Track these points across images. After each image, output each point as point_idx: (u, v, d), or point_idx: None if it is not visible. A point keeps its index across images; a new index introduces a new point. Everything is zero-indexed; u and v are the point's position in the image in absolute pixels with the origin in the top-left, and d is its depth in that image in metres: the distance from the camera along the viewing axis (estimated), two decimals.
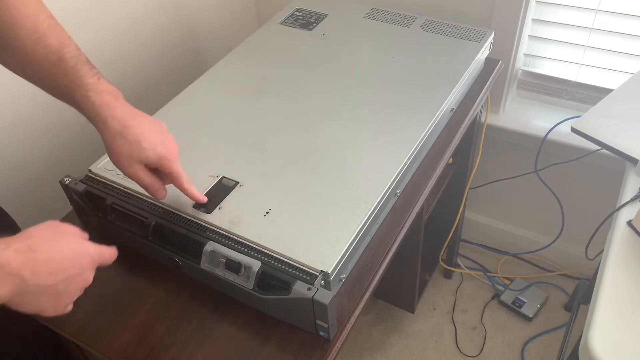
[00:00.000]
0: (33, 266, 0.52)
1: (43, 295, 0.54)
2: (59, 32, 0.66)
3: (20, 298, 0.52)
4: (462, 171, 1.31)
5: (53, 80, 0.66)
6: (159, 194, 0.72)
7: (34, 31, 0.64)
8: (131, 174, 0.68)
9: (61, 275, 0.55)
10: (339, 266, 0.71)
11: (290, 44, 1.11)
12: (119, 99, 0.67)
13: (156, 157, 0.68)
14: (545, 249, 1.54)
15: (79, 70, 0.66)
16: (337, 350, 0.70)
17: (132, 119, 0.67)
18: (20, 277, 0.51)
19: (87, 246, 0.59)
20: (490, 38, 1.10)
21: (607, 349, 0.67)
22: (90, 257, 0.59)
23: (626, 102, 1.03)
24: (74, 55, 0.66)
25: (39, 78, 0.67)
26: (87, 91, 0.65)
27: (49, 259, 0.54)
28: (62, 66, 0.65)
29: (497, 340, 1.48)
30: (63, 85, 0.66)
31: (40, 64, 0.65)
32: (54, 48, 0.65)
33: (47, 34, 0.65)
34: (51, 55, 0.65)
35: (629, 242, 0.80)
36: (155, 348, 0.71)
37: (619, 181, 0.92)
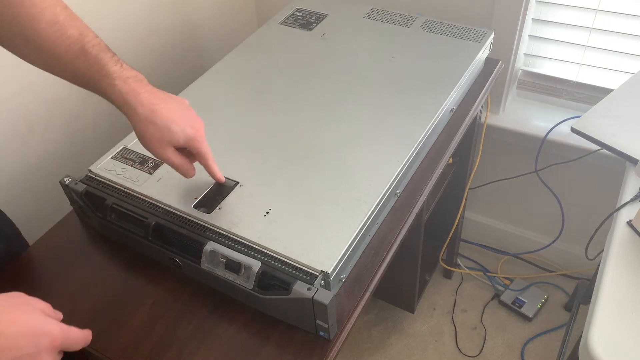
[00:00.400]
0: None
1: None
2: (77, 22, 0.66)
3: None
4: (462, 171, 1.31)
5: (77, 71, 0.66)
6: (189, 173, 0.73)
7: (53, 23, 0.64)
8: (162, 156, 0.69)
9: (9, 353, 0.48)
10: (339, 266, 0.71)
11: (290, 44, 1.11)
12: (144, 83, 0.68)
13: (186, 138, 0.69)
14: (545, 249, 1.54)
15: (102, 59, 0.66)
16: (337, 350, 0.70)
17: (160, 102, 0.68)
18: None
19: (50, 325, 0.53)
20: (490, 38, 1.10)
21: (607, 349, 0.67)
22: (51, 337, 0.52)
23: (626, 102, 1.03)
24: (95, 44, 0.66)
25: (63, 70, 0.67)
26: (113, 79, 0.66)
27: None
28: (85, 56, 0.65)
29: (497, 340, 1.48)
30: (88, 76, 0.66)
31: (63, 56, 0.65)
32: (75, 39, 0.65)
33: (66, 25, 0.65)
34: (73, 47, 0.65)
35: (629, 242, 0.80)
36: (155, 348, 0.71)
37: (619, 181, 0.92)
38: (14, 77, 1.00)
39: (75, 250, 0.84)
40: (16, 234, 0.87)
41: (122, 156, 0.87)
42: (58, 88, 1.07)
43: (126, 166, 0.86)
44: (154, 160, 0.86)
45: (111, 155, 0.88)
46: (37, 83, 1.04)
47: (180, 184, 0.82)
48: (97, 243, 0.85)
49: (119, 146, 0.89)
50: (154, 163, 0.86)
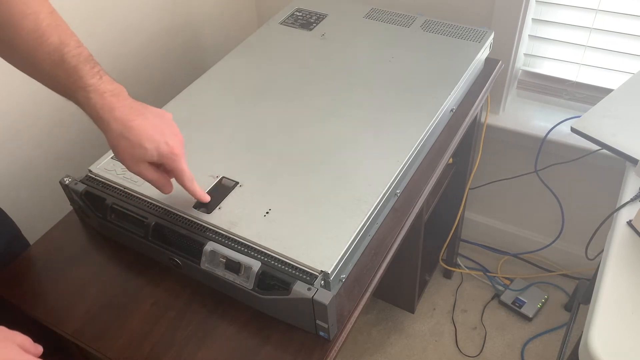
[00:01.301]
0: None
1: None
2: (60, 29, 0.65)
3: None
4: (462, 171, 1.31)
5: (55, 80, 0.66)
6: (164, 189, 0.72)
7: (34, 30, 0.63)
8: (136, 172, 0.69)
9: None
10: (339, 266, 0.71)
11: (291, 44, 1.11)
12: (121, 97, 0.67)
13: (158, 155, 0.68)
14: (545, 249, 1.54)
15: (81, 70, 0.65)
16: (337, 350, 0.70)
17: (136, 117, 0.66)
18: None
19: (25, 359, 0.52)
20: (490, 38, 1.10)
21: (607, 349, 0.67)
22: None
23: (626, 102, 1.03)
24: (75, 55, 0.65)
25: (42, 77, 0.67)
26: (89, 92, 0.65)
27: None
28: (64, 66, 0.64)
29: (497, 340, 1.48)
30: (65, 86, 0.65)
31: (42, 63, 0.65)
32: (55, 47, 0.64)
33: (47, 32, 0.64)
34: (52, 55, 0.64)
35: (629, 242, 0.80)
36: (155, 348, 0.71)
37: (619, 181, 0.92)
38: (13, 75, 1.00)
39: (75, 250, 0.84)
40: (17, 233, 0.87)
41: None
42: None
43: None
44: None
45: (111, 155, 0.88)
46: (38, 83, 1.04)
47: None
48: (97, 243, 0.85)
49: None
50: None
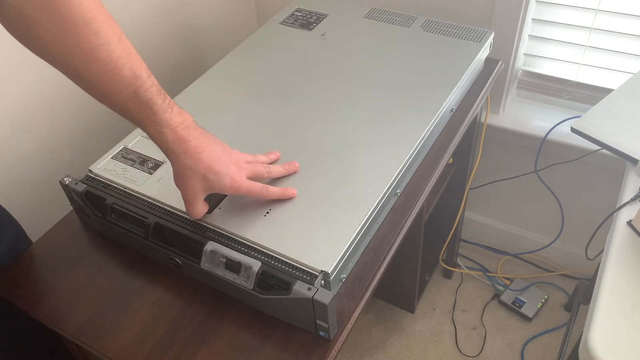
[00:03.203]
0: None
1: None
2: (131, 57, 0.64)
3: None
4: (462, 171, 1.31)
5: (128, 112, 0.65)
6: (195, 217, 0.75)
7: (107, 62, 0.61)
8: (190, 200, 0.71)
9: None
10: (339, 266, 0.71)
11: (291, 43, 1.11)
12: (191, 129, 0.68)
13: (220, 188, 0.71)
14: (545, 249, 1.54)
15: (154, 105, 0.65)
16: (337, 350, 0.70)
17: (202, 150, 0.68)
18: None
19: None
20: (490, 38, 1.10)
21: (607, 349, 0.67)
22: None
23: (626, 102, 1.03)
24: (148, 88, 0.64)
25: (114, 107, 0.66)
26: (162, 127, 0.66)
27: None
28: (137, 100, 0.64)
29: (497, 340, 1.48)
30: (138, 119, 0.66)
31: (115, 96, 0.63)
32: (128, 81, 0.63)
33: (119, 64, 0.62)
34: (126, 89, 0.63)
35: (629, 242, 0.80)
36: (155, 348, 0.71)
37: (619, 181, 0.92)
38: (14, 76, 1.00)
39: (75, 250, 0.84)
40: (21, 232, 0.87)
41: (122, 156, 0.87)
42: (59, 88, 1.07)
43: (126, 166, 0.86)
44: (154, 160, 0.86)
45: (111, 155, 0.88)
46: (38, 83, 1.04)
47: None
48: (97, 243, 0.85)
49: (119, 146, 0.89)
50: (154, 163, 0.86)
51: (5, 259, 0.82)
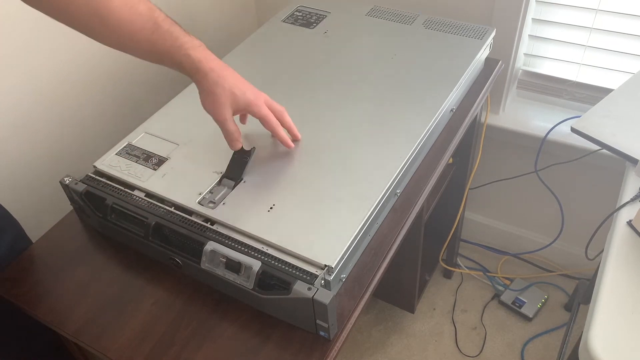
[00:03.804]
0: None
1: None
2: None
3: None
4: (462, 171, 1.31)
5: (153, 47, 0.71)
6: (236, 144, 0.79)
7: (125, 2, 0.67)
8: (221, 119, 0.75)
9: None
10: (342, 262, 0.71)
11: (292, 42, 1.11)
12: (208, 50, 0.74)
13: (246, 102, 0.76)
14: (545, 249, 1.54)
15: (174, 32, 0.71)
16: (337, 350, 0.70)
17: (225, 69, 0.74)
18: None
19: None
20: (491, 36, 1.09)
21: (607, 349, 0.67)
22: None
23: (626, 102, 1.03)
24: (164, 17, 0.71)
25: (138, 47, 0.71)
26: (187, 50, 0.71)
27: None
28: (160, 31, 0.70)
29: (497, 340, 1.48)
30: (164, 49, 0.71)
31: (138, 33, 0.69)
32: (147, 15, 0.69)
33: (135, 1, 0.68)
34: (147, 24, 0.69)
35: (629, 242, 0.80)
36: (155, 348, 0.71)
37: (619, 181, 0.92)
38: (15, 74, 1.00)
39: (75, 250, 0.84)
40: (21, 232, 0.87)
41: (126, 152, 0.88)
42: (59, 88, 1.07)
43: (131, 162, 0.86)
44: (158, 157, 0.86)
45: (116, 152, 0.88)
46: (39, 83, 1.04)
47: (184, 180, 0.82)
48: (97, 243, 0.85)
49: (124, 142, 0.90)
50: (158, 159, 0.86)
51: (5, 259, 0.82)
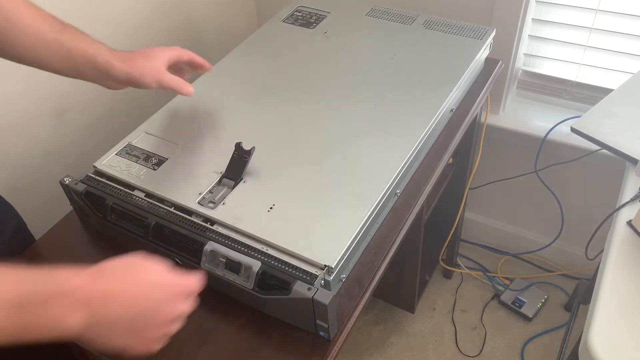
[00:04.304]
0: (102, 297, 0.50)
1: (118, 330, 0.51)
2: None
3: (92, 332, 0.50)
4: (462, 171, 1.31)
5: (61, 46, 0.75)
6: (187, 90, 0.85)
7: (33, 8, 0.73)
8: (161, 80, 0.81)
9: (134, 308, 0.52)
10: (342, 262, 0.71)
11: (292, 41, 1.11)
12: None
13: (175, 52, 0.87)
14: (545, 249, 1.54)
15: (82, 35, 0.77)
16: (337, 350, 0.70)
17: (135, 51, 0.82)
18: (89, 307, 0.49)
19: (166, 277, 0.55)
20: (491, 36, 1.09)
21: (607, 349, 0.67)
22: (171, 287, 0.55)
23: (626, 102, 1.03)
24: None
25: (47, 48, 0.75)
26: (99, 49, 0.77)
27: (120, 290, 0.51)
28: (69, 30, 0.76)
29: (497, 340, 1.48)
30: (76, 50, 0.75)
31: (47, 33, 0.73)
32: (53, 18, 0.75)
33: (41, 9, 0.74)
34: (55, 24, 0.74)
35: (629, 242, 0.80)
36: None
37: (619, 181, 0.92)
38: (15, 76, 1.00)
39: (75, 250, 0.84)
40: (21, 223, 0.87)
41: (126, 152, 0.88)
42: (59, 88, 1.07)
43: (130, 162, 0.86)
44: (158, 157, 0.86)
45: (115, 152, 0.88)
46: (39, 83, 1.04)
47: (184, 180, 0.82)
48: (97, 243, 0.85)
49: (124, 142, 0.90)
50: (158, 159, 0.86)
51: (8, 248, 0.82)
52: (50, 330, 0.48)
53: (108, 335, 0.51)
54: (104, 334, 0.51)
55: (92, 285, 0.50)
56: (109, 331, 0.51)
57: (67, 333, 0.48)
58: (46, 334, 0.48)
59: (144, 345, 0.54)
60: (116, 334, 0.51)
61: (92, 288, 0.49)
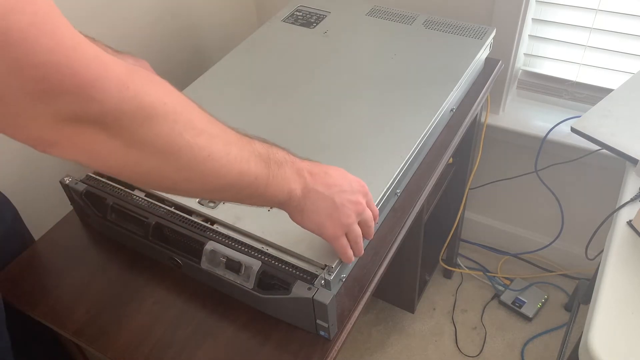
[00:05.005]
0: (311, 174, 0.62)
1: (321, 206, 0.62)
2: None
3: (303, 203, 0.62)
4: (462, 171, 1.31)
5: None
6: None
7: None
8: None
9: (334, 188, 0.63)
10: (342, 262, 0.71)
11: (293, 41, 1.11)
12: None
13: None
14: (545, 249, 1.54)
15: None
16: (337, 350, 0.70)
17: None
18: (304, 179, 0.61)
19: (359, 179, 0.68)
20: (491, 36, 1.09)
21: (607, 349, 0.67)
22: (362, 185, 0.67)
23: (626, 102, 1.03)
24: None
25: None
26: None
27: (325, 172, 0.63)
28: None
29: (497, 340, 1.48)
30: None
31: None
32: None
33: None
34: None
35: (629, 242, 0.80)
36: (155, 348, 0.71)
37: (619, 181, 0.92)
38: None
39: (75, 250, 0.84)
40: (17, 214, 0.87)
41: None
42: None
43: None
44: None
45: None
46: None
47: None
48: (97, 243, 0.85)
49: None
50: None
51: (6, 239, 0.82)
52: (281, 189, 0.59)
53: (312, 209, 0.62)
54: (310, 206, 0.62)
55: (302, 163, 0.62)
56: (314, 205, 0.62)
57: (291, 195, 0.60)
58: (278, 194, 0.59)
59: (337, 228, 0.64)
60: (320, 208, 0.63)
61: (303, 165, 0.62)
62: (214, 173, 0.52)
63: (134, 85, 0.43)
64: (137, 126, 0.45)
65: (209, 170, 0.52)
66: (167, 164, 0.49)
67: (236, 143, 0.55)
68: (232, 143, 0.54)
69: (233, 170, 0.54)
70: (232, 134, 0.56)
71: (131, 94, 0.43)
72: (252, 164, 0.55)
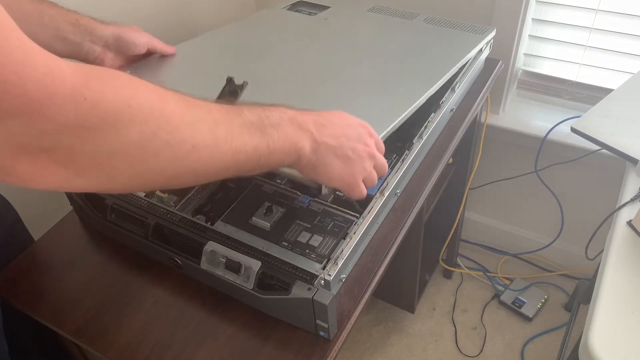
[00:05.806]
0: (317, 125, 0.59)
1: (332, 155, 0.60)
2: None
3: (315, 157, 0.59)
4: (462, 171, 1.31)
5: None
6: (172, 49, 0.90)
7: None
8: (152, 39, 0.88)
9: (342, 138, 0.60)
10: (342, 262, 0.71)
11: (291, 23, 1.10)
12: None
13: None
14: (545, 249, 1.54)
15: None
16: (337, 350, 0.70)
17: None
18: (310, 133, 0.58)
19: (361, 120, 0.65)
20: (491, 35, 1.09)
21: (607, 349, 0.67)
22: (366, 126, 0.64)
23: (626, 102, 1.03)
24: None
25: None
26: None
27: (329, 121, 0.60)
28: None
29: (497, 340, 1.48)
30: None
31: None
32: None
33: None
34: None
35: (629, 242, 0.80)
36: (155, 348, 0.71)
37: (619, 181, 0.92)
38: None
39: (75, 250, 0.84)
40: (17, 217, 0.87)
41: None
42: None
43: None
44: None
45: None
46: None
47: None
48: (97, 243, 0.85)
49: None
50: None
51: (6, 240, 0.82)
52: (287, 152, 0.56)
53: (324, 162, 0.60)
54: (322, 160, 0.60)
55: (304, 115, 0.58)
56: (325, 158, 0.60)
57: (300, 154, 0.57)
58: (284, 157, 0.56)
59: (353, 178, 0.62)
60: (332, 162, 0.60)
61: (305, 117, 0.58)
62: (204, 162, 0.48)
63: (91, 93, 0.39)
64: (102, 139, 0.41)
65: (197, 161, 0.48)
66: (147, 169, 0.45)
67: (223, 121, 0.50)
68: (219, 122, 0.50)
69: (226, 152, 0.50)
70: (217, 112, 0.50)
71: (89, 105, 0.39)
72: (247, 138, 0.51)
